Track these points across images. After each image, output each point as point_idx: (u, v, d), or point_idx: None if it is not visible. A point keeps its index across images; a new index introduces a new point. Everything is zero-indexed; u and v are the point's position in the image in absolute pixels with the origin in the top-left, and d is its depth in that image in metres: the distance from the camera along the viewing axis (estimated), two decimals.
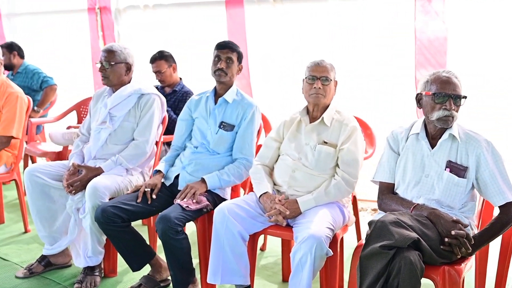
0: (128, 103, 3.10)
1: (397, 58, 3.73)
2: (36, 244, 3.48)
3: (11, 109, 3.43)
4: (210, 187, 2.79)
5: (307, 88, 2.64)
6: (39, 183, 3.00)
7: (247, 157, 2.87)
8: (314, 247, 2.19)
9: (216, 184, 2.80)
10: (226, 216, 2.45)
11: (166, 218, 2.48)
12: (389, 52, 3.74)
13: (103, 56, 3.05)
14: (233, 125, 2.90)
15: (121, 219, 2.67)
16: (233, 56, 2.90)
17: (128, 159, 3.02)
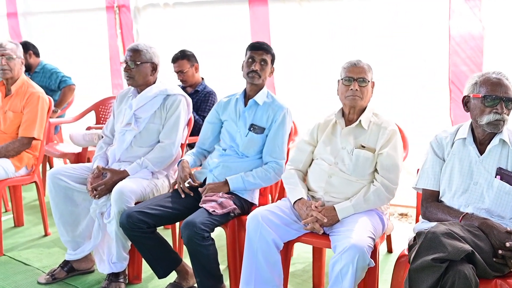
0: (153, 104, 3.01)
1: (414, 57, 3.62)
2: (57, 248, 3.40)
3: (33, 109, 3.35)
4: (232, 189, 2.69)
5: (343, 90, 2.52)
6: (63, 186, 2.91)
7: (278, 160, 2.76)
8: (356, 258, 2.07)
9: (239, 185, 2.70)
10: (260, 223, 2.34)
11: (191, 224, 2.38)
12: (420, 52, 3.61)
13: (128, 56, 2.95)
14: (264, 128, 2.80)
15: (146, 225, 2.57)
16: (267, 58, 2.80)
17: (154, 162, 2.93)
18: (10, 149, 3.28)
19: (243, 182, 2.70)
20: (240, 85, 4.48)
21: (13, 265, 3.13)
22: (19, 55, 3.41)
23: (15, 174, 3.33)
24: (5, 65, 3.32)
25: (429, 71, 3.56)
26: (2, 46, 3.33)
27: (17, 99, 3.39)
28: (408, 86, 3.66)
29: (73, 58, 5.61)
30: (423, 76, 3.58)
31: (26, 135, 3.33)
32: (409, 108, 3.60)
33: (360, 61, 2.55)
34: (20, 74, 3.44)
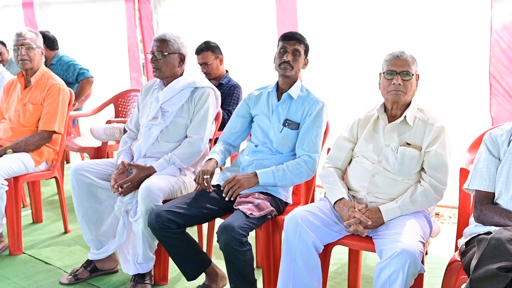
0: (181, 97, 2.86)
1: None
2: (78, 246, 3.27)
3: (53, 102, 3.21)
4: (262, 183, 2.53)
5: (385, 84, 2.36)
6: (86, 182, 2.78)
7: (310, 153, 2.58)
8: (408, 264, 1.92)
9: (269, 181, 2.53)
10: (300, 225, 2.20)
11: (229, 228, 2.23)
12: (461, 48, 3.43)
13: (155, 46, 2.81)
14: (298, 123, 2.64)
15: (176, 225, 2.43)
16: (300, 48, 2.63)
17: (182, 158, 2.78)
18: (30, 143, 3.16)
19: (274, 177, 2.53)
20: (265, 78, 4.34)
21: (33, 264, 3.01)
22: (39, 45, 3.27)
23: (35, 169, 3.21)
24: (25, 55, 3.18)
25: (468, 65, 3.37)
26: (21, 35, 3.19)
27: (37, 91, 3.25)
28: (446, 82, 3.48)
29: (90, 50, 5.48)
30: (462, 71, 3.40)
31: (47, 128, 3.20)
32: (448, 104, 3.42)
33: (404, 52, 2.38)
34: (40, 65, 3.30)
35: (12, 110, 3.26)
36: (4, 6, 6.22)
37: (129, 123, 3.07)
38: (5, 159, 3.03)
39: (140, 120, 2.99)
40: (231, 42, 4.33)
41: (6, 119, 3.30)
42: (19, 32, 3.20)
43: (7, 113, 3.30)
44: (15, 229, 3.11)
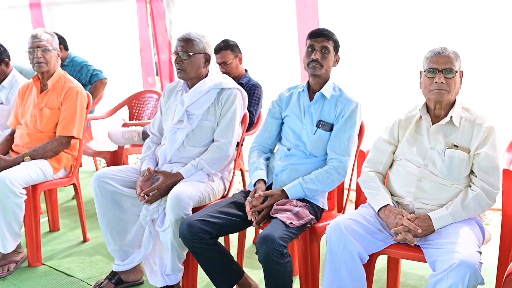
0: (207, 99, 2.73)
1: None
2: (99, 256, 3.14)
3: (71, 106, 3.08)
4: (291, 197, 2.39)
5: (427, 83, 2.22)
6: (110, 190, 2.65)
7: (341, 157, 2.44)
8: (468, 276, 1.79)
9: (299, 194, 2.40)
10: (344, 234, 2.06)
11: (270, 239, 2.09)
12: None
13: (180, 46, 2.67)
14: (332, 124, 2.50)
15: (209, 235, 2.30)
16: (329, 45, 2.49)
17: (210, 163, 2.65)
18: (48, 149, 3.02)
19: (303, 190, 2.39)
20: (285, 77, 4.22)
21: (54, 277, 2.88)
22: (56, 47, 3.13)
23: (53, 177, 3.07)
24: (41, 57, 3.04)
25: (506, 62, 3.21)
26: (37, 37, 3.05)
27: (53, 94, 3.12)
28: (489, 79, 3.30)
29: (100, 51, 5.33)
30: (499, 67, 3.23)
31: (65, 134, 3.06)
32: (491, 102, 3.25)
33: (446, 48, 2.23)
34: (56, 68, 3.17)
35: (28, 115, 3.13)
36: (10, 7, 6.08)
37: (151, 127, 2.94)
38: (23, 167, 2.90)
39: (164, 124, 2.86)
40: (248, 40, 4.16)
41: (22, 124, 3.17)
42: (35, 33, 3.06)
43: (23, 118, 3.16)
44: (34, 239, 2.98)
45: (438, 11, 3.35)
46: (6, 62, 3.53)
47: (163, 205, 2.58)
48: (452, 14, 3.30)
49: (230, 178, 2.87)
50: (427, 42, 2.55)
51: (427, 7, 3.38)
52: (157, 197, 2.57)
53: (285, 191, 2.38)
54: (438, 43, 2.33)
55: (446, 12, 3.32)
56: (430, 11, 3.37)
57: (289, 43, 4.01)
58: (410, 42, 3.37)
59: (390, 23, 3.60)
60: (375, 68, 3.64)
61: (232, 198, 2.51)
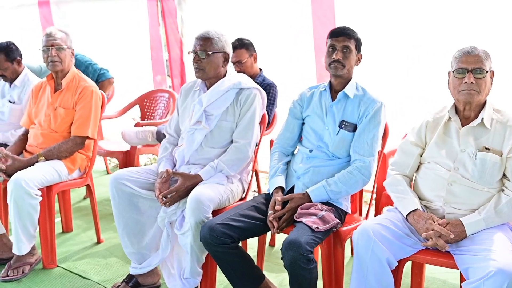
0: (226, 99, 2.67)
1: None
2: (114, 257, 3.09)
3: (86, 105, 3.02)
4: (315, 202, 2.33)
5: (456, 84, 2.15)
6: (127, 192, 2.60)
7: (365, 157, 2.37)
8: (506, 285, 1.72)
9: (323, 197, 2.34)
10: (372, 240, 2.00)
11: (296, 244, 2.02)
12: None
13: (198, 45, 2.61)
14: (355, 125, 2.44)
15: (231, 239, 2.24)
16: (350, 44, 2.42)
17: (229, 165, 2.59)
18: (63, 149, 2.96)
19: (327, 192, 2.33)
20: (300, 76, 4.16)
21: (70, 279, 2.83)
22: (70, 45, 3.07)
23: (68, 177, 3.02)
24: (55, 56, 2.98)
25: None
26: (51, 35, 2.99)
27: (68, 94, 3.06)
28: None
29: (110, 49, 5.28)
30: None
31: (80, 134, 3.01)
32: None
33: (475, 48, 2.16)
34: (71, 67, 3.11)
35: (42, 114, 3.07)
36: (19, 5, 6.03)
37: (168, 127, 2.88)
38: (38, 167, 2.85)
39: (181, 124, 2.80)
40: (261, 39, 4.09)
41: (35, 124, 3.11)
42: (49, 32, 3.01)
43: (36, 118, 3.11)
44: (48, 241, 2.93)
45: (466, 7, 3.24)
46: (18, 61, 3.47)
47: (182, 208, 2.53)
48: (481, 11, 3.20)
49: (249, 180, 2.81)
50: (453, 40, 2.47)
51: (454, 3, 3.29)
52: (175, 199, 2.51)
53: (308, 194, 2.32)
54: (467, 42, 2.26)
55: (475, 9, 3.22)
56: (457, 7, 3.27)
57: (304, 41, 3.93)
58: (432, 40, 3.29)
59: (413, 19, 3.53)
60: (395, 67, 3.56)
61: (253, 201, 2.45)
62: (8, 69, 3.42)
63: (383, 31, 3.61)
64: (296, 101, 2.63)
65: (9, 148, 3.06)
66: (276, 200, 2.32)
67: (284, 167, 2.54)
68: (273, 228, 2.26)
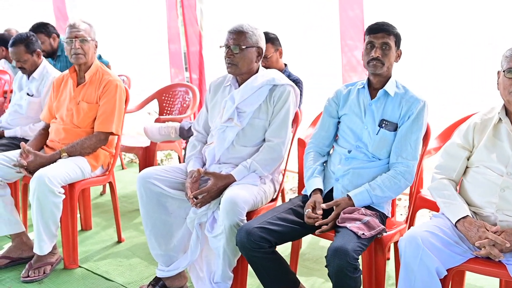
0: (259, 96, 2.56)
1: None
2: (137, 258, 2.99)
3: (110, 100, 2.91)
4: (358, 206, 2.23)
5: (506, 84, 2.03)
6: (156, 192, 2.49)
7: (408, 161, 2.27)
8: None
9: (366, 202, 2.24)
10: (421, 248, 1.89)
11: (343, 252, 1.92)
12: None
13: (231, 39, 2.50)
14: (396, 124, 2.32)
15: (268, 244, 2.14)
16: (389, 40, 2.30)
17: (263, 165, 2.49)
18: (86, 145, 2.86)
19: (370, 197, 2.23)
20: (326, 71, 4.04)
21: (93, 280, 2.73)
22: (94, 37, 2.96)
23: (90, 174, 2.92)
24: (79, 48, 2.87)
25: None
26: (75, 27, 2.88)
27: (91, 88, 2.95)
28: None
29: (125, 42, 5.17)
30: None
31: (104, 129, 2.90)
32: None
33: None
34: (94, 59, 3.00)
35: (64, 109, 2.96)
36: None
37: (196, 124, 2.77)
38: (61, 164, 2.74)
39: (210, 121, 2.69)
40: (284, 33, 3.97)
41: (57, 118, 3.01)
42: (72, 23, 2.89)
43: (58, 112, 3.00)
44: (70, 240, 2.83)
45: None
46: (38, 53, 3.36)
47: (212, 209, 2.43)
48: None
49: (280, 180, 2.71)
50: (500, 39, 2.35)
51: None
52: (207, 200, 2.41)
53: (351, 198, 2.22)
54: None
55: None
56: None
57: (329, 34, 3.81)
58: (475, 37, 3.16)
59: (449, 14, 3.39)
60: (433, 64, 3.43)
61: (290, 203, 2.34)
62: (28, 61, 3.32)
63: (414, 29, 3.47)
64: (331, 99, 2.52)
65: (29, 143, 2.95)
66: (316, 202, 2.22)
67: (321, 168, 2.43)
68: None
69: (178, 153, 4.13)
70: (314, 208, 2.21)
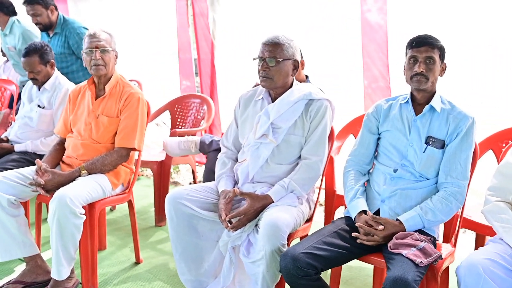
0: (294, 111, 2.43)
1: None
2: (159, 281, 2.82)
3: (132, 114, 2.75)
4: (409, 230, 2.10)
5: None
6: (187, 214, 2.35)
7: (459, 181, 2.15)
8: None
9: (417, 226, 2.11)
10: (483, 278, 1.77)
11: (404, 283, 1.77)
12: None
13: (267, 51, 2.37)
14: (443, 141, 2.20)
15: (315, 270, 2.00)
16: (434, 54, 2.18)
17: (301, 184, 2.35)
18: (107, 162, 2.69)
19: (422, 222, 2.10)
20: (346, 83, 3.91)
21: None
22: (114, 47, 2.81)
23: (111, 193, 2.75)
24: (99, 59, 2.71)
25: None
26: (95, 36, 2.72)
27: (111, 101, 2.79)
28: None
29: (133, 51, 4.99)
30: None
31: (125, 145, 2.74)
32: None
33: None
34: (114, 71, 2.84)
35: (82, 123, 2.80)
36: None
37: (224, 140, 2.62)
38: (82, 183, 2.57)
39: (241, 137, 2.55)
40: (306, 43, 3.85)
41: (73, 132, 2.83)
42: (93, 32, 2.73)
43: (75, 127, 2.83)
44: (89, 263, 2.65)
45: None
46: (51, 64, 3.20)
47: (247, 231, 2.29)
48: None
49: (315, 199, 2.57)
50: (499, 40, 2.24)
51: None
52: (243, 223, 2.26)
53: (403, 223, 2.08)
54: None
55: None
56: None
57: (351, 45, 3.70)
58: (474, 39, 3.04)
59: (451, 14, 3.30)
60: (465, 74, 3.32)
61: (334, 226, 2.20)
62: (41, 72, 3.15)
63: (413, 28, 3.35)
64: (371, 114, 2.39)
65: (44, 159, 2.77)
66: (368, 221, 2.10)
67: (363, 188, 2.30)
68: None
69: (192, 167, 3.96)
70: (370, 226, 2.09)
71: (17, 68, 4.34)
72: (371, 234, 2.06)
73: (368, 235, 2.06)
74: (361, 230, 2.08)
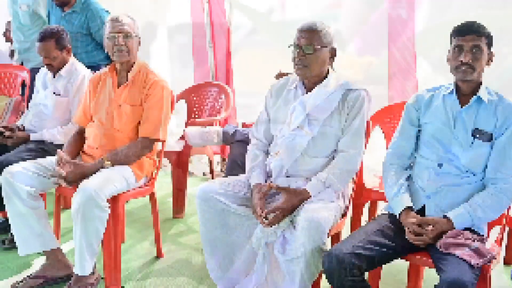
0: (331, 102, 2.31)
1: None
2: (183, 277, 2.71)
3: (157, 103, 2.63)
4: (458, 228, 2.00)
5: None
6: (219, 208, 2.25)
7: (509, 177, 2.04)
8: None
9: (466, 224, 2.00)
10: None
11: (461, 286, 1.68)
12: None
13: (303, 38, 2.25)
14: (491, 134, 2.08)
15: (359, 270, 1.90)
16: (481, 42, 2.05)
17: (339, 179, 2.24)
18: (131, 153, 2.57)
19: (472, 219, 1.99)
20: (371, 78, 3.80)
21: None
22: (138, 33, 2.68)
23: (135, 185, 2.63)
24: (123, 45, 2.58)
25: None
26: (118, 21, 2.59)
27: (134, 89, 2.66)
28: None
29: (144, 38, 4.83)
30: None
31: (150, 135, 2.61)
32: None
33: None
34: (137, 57, 2.71)
35: (103, 111, 2.67)
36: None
37: (255, 131, 2.51)
38: (106, 175, 2.44)
39: (272, 129, 2.43)
40: None
41: (94, 122, 2.71)
42: (115, 17, 2.60)
43: (96, 115, 2.70)
44: (112, 259, 2.54)
45: None
46: (68, 49, 3.06)
47: (283, 227, 2.18)
48: None
49: (349, 194, 2.46)
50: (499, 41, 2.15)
51: None
52: (280, 219, 2.15)
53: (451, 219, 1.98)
54: None
55: None
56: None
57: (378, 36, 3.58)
58: None
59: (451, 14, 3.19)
60: None
61: (377, 224, 2.10)
62: (57, 58, 3.02)
63: None
64: (411, 105, 2.28)
65: (64, 149, 2.65)
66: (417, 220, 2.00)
67: (406, 183, 2.19)
68: None
69: (210, 157, 3.85)
70: (419, 226, 1.98)
71: (19, 31, 4.04)
72: (421, 234, 1.96)
73: (417, 235, 1.96)
74: (408, 230, 1.98)
